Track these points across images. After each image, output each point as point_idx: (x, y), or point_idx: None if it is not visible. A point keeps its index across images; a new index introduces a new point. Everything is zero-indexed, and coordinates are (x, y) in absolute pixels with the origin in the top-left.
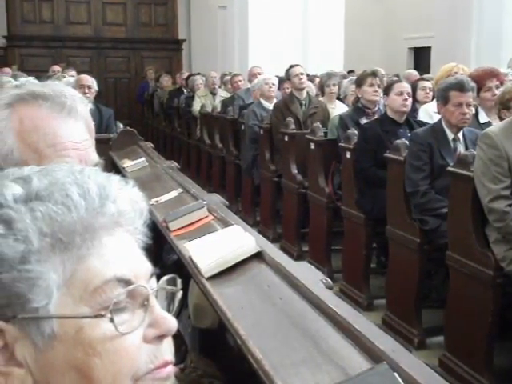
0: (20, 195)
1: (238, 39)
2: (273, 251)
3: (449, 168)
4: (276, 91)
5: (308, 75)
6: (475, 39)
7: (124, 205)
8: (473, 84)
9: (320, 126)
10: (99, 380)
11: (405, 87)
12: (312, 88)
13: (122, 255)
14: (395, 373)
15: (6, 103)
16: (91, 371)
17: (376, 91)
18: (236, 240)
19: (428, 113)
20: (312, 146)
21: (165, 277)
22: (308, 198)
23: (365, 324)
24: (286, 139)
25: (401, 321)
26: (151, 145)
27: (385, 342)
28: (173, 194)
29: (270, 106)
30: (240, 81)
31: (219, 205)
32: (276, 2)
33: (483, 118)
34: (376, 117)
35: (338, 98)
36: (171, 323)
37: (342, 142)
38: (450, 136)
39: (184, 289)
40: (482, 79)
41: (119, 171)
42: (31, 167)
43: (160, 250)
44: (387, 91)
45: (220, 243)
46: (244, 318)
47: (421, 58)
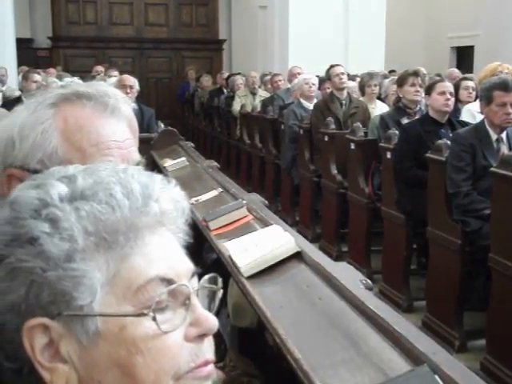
0: (65, 194)
1: (279, 39)
2: (312, 251)
3: (492, 169)
4: (316, 91)
5: (348, 75)
6: None
7: (166, 204)
8: None
9: (360, 126)
10: (141, 377)
11: (447, 87)
12: (353, 88)
13: (165, 254)
14: (436, 375)
15: (51, 103)
16: (134, 369)
17: (418, 91)
18: (275, 240)
19: (471, 113)
20: (352, 146)
21: (206, 276)
22: (347, 199)
23: (405, 325)
24: (326, 139)
25: (441, 323)
26: (192, 144)
27: (425, 344)
28: (213, 194)
29: (310, 106)
30: (280, 80)
31: (259, 204)
32: (317, 2)
33: None
34: (417, 117)
35: (379, 98)
36: (212, 322)
37: (383, 142)
38: (494, 136)
39: (223, 288)
40: None
41: (160, 170)
42: (76, 166)
43: (200, 249)
44: (429, 91)
45: (259, 243)
46: (283, 318)
47: (464, 57)
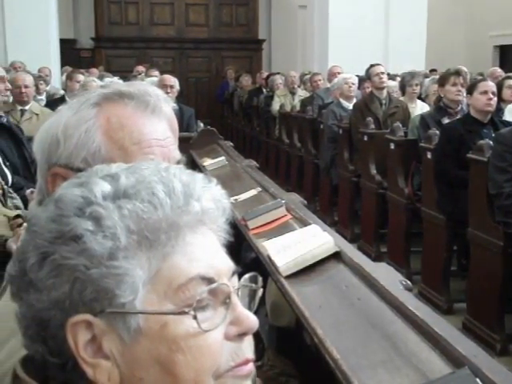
0: (108, 192)
1: (318, 38)
2: (351, 251)
3: None
4: (356, 91)
5: (389, 74)
6: None
7: (208, 203)
8: None
9: (400, 126)
10: (182, 375)
11: (489, 86)
12: (393, 87)
13: (206, 253)
14: (477, 378)
15: (94, 102)
16: (174, 366)
17: (459, 90)
18: (314, 239)
19: None
20: (392, 146)
21: (246, 275)
22: (387, 199)
23: (445, 327)
24: (366, 139)
25: (482, 326)
26: (231, 144)
27: (466, 347)
28: (252, 193)
29: (350, 106)
30: (319, 80)
31: (297, 204)
32: (357, 1)
33: None
34: (459, 116)
35: (419, 98)
36: (252, 321)
37: (423, 142)
38: None
39: (262, 287)
40: None
41: (199, 170)
42: (118, 164)
43: (239, 248)
44: (471, 90)
45: (298, 242)
46: (322, 318)
47: (506, 56)
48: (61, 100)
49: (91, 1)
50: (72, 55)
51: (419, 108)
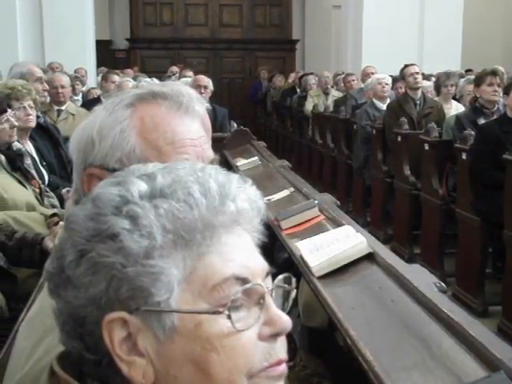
0: (145, 192)
1: (352, 38)
2: (384, 252)
3: None
4: (389, 91)
5: (423, 74)
6: None
7: (243, 203)
8: None
9: (435, 127)
10: (215, 374)
11: None
12: (428, 87)
13: (240, 253)
14: None
15: (128, 103)
16: (208, 365)
17: (495, 91)
18: (347, 240)
19: None
20: (426, 147)
21: (280, 275)
22: (421, 200)
23: (480, 330)
24: (399, 139)
25: None
26: (264, 144)
27: (501, 350)
28: (284, 193)
29: (383, 106)
30: (353, 80)
31: (330, 204)
32: (392, 0)
33: None
34: (495, 117)
35: (454, 98)
36: (286, 322)
37: (458, 143)
38: None
39: (295, 287)
40: None
41: (232, 170)
42: (155, 164)
43: (271, 248)
44: (508, 90)
45: (331, 243)
46: (355, 319)
47: None
48: (96, 100)
49: (127, 2)
50: (108, 56)
51: (454, 108)
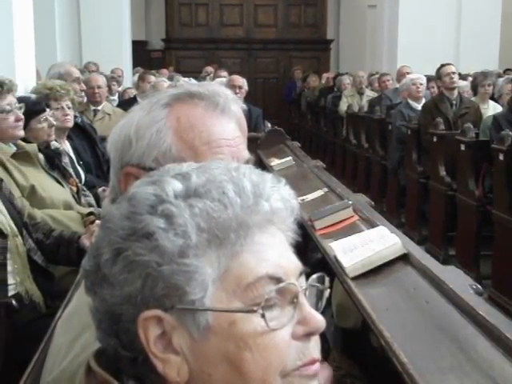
0: (180, 191)
1: (387, 38)
2: (419, 253)
3: None
4: (425, 91)
5: (460, 74)
6: None
7: (277, 203)
8: None
9: (471, 127)
10: (249, 373)
11: None
12: (465, 87)
13: (274, 253)
14: None
15: (165, 103)
16: (242, 364)
17: None
18: (382, 241)
19: None
20: (462, 148)
21: (314, 275)
22: (456, 201)
23: None
24: (435, 140)
25: None
26: (298, 144)
27: None
28: (318, 193)
29: (418, 107)
30: (388, 80)
31: (365, 205)
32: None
33: None
34: None
35: (492, 98)
36: (320, 321)
37: (495, 144)
38: None
39: (329, 287)
40: None
41: (266, 170)
42: (189, 164)
43: (305, 248)
44: None
45: (365, 243)
46: (389, 320)
47: None
48: (132, 100)
49: (162, 3)
50: (143, 56)
51: (491, 109)
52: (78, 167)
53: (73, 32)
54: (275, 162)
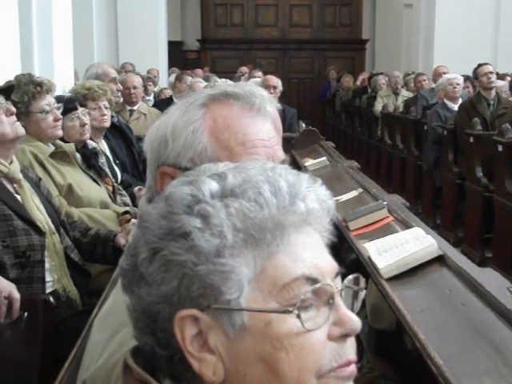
0: (216, 191)
1: (424, 38)
2: (455, 255)
3: None
4: (462, 91)
5: (497, 74)
6: None
7: (313, 203)
8: None
9: (509, 127)
10: (285, 373)
11: None
12: (502, 87)
13: (310, 253)
14: None
15: (202, 103)
16: (277, 364)
17: None
18: (417, 242)
19: None
20: (500, 148)
21: (350, 276)
22: (493, 202)
23: None
24: (472, 140)
25: None
26: (332, 144)
27: None
28: (353, 194)
29: (455, 107)
30: (424, 80)
31: (400, 206)
32: None
33: None
34: None
35: None
36: (356, 323)
37: None
38: None
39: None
40: None
41: (301, 170)
42: (225, 163)
43: (339, 249)
44: None
45: (400, 245)
46: (423, 322)
47: None
48: (168, 101)
49: (198, 4)
50: (179, 57)
51: None
52: (115, 167)
53: (110, 33)
54: (309, 162)
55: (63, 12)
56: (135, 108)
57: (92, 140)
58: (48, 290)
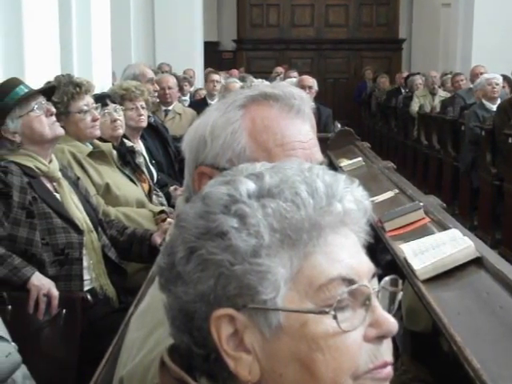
0: (253, 191)
1: (462, 37)
2: (493, 257)
3: None
4: (501, 91)
5: None
6: None
7: (350, 204)
8: None
9: None
10: (321, 374)
11: None
12: None
13: (347, 254)
14: None
15: (241, 104)
16: (313, 365)
17: None
18: (454, 244)
19: None
20: None
21: (387, 277)
22: None
23: None
24: (510, 141)
25: None
26: (368, 144)
27: None
28: (389, 195)
29: (493, 107)
30: (461, 80)
31: (436, 207)
32: None
33: None
34: None
35: None
36: (392, 324)
37: None
38: None
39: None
40: None
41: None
42: (263, 164)
43: (375, 250)
44: None
45: (437, 246)
46: (460, 325)
47: None
48: (202, 101)
49: (234, 4)
50: (214, 57)
51: None
52: (151, 166)
53: (147, 34)
54: (345, 163)
55: (102, 14)
56: (170, 108)
57: (129, 140)
58: (86, 288)
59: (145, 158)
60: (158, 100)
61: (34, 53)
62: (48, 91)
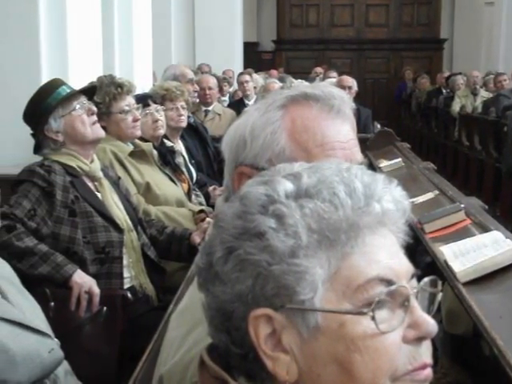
0: (291, 191)
1: (505, 36)
2: None
3: None
4: None
5: None
6: None
7: (388, 204)
8: None
9: None
10: (359, 375)
11: None
12: None
13: (385, 255)
14: None
15: (281, 104)
16: (351, 366)
17: None
18: (496, 246)
19: None
20: None
21: (426, 278)
22: None
23: None
24: None
25: None
26: (407, 145)
27: None
28: (429, 196)
29: None
30: (504, 80)
31: (478, 209)
32: None
33: None
34: None
35: None
36: (432, 325)
37: None
38: None
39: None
40: None
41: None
42: (301, 164)
43: (414, 251)
44: None
45: (478, 248)
46: (502, 328)
47: None
48: (239, 101)
49: (274, 4)
50: (254, 57)
51: None
52: (190, 166)
53: (187, 34)
54: (384, 163)
55: (143, 15)
56: (210, 108)
57: (169, 140)
58: (126, 286)
59: (184, 158)
60: (198, 100)
61: (77, 54)
62: (89, 91)
